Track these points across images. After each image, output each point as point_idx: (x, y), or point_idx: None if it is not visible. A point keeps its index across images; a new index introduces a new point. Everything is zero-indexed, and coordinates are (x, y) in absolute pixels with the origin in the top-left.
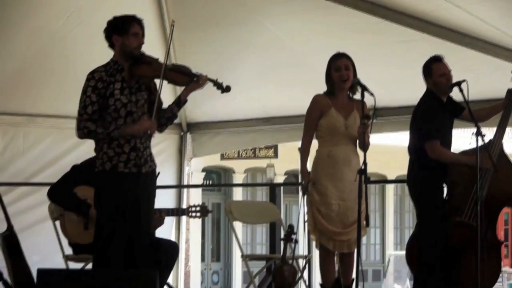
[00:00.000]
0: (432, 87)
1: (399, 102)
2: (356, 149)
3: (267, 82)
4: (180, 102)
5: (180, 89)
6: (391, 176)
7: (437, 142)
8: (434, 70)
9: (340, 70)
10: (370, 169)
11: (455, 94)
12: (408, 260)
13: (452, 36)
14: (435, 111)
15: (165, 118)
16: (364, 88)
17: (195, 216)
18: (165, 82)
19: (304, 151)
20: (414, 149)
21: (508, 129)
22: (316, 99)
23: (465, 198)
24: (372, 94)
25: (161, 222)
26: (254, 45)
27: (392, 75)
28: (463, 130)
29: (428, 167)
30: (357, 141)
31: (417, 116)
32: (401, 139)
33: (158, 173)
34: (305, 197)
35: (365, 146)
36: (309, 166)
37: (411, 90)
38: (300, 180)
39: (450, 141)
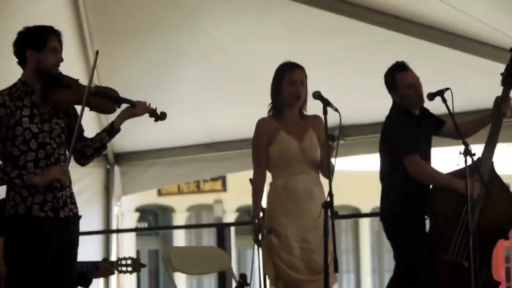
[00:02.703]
0: (398, 101)
1: (370, 117)
2: (319, 177)
3: (211, 99)
4: (112, 130)
5: (105, 116)
6: (365, 209)
7: (417, 156)
8: (399, 81)
9: (296, 84)
10: (338, 201)
11: (436, 106)
12: None
13: (432, 34)
14: (408, 125)
15: (92, 149)
16: (327, 103)
17: (125, 271)
18: (87, 109)
19: (257, 189)
20: (387, 176)
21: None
22: (261, 124)
23: (451, 231)
24: (336, 110)
25: (110, 273)
26: (194, 55)
27: (361, 85)
28: (446, 148)
29: (405, 196)
30: (320, 167)
31: (387, 135)
32: (375, 162)
33: (80, 216)
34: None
35: (329, 172)
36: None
37: (385, 102)
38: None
39: (429, 163)
